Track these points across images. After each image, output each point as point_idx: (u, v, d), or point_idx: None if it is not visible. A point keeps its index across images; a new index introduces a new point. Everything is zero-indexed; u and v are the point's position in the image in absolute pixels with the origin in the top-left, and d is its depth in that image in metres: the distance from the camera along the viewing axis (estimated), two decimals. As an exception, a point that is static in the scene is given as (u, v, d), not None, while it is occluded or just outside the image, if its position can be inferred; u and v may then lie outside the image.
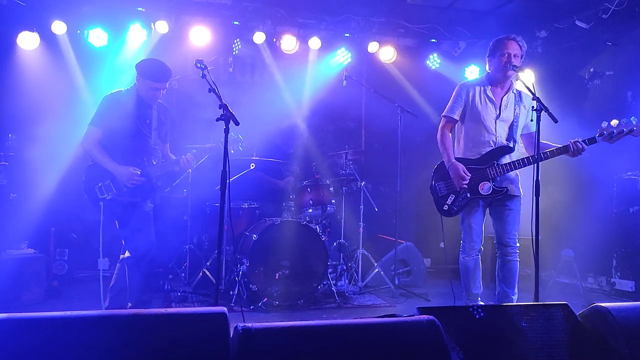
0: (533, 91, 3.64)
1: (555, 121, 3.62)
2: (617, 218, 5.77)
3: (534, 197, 3.50)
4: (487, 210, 4.22)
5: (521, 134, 4.22)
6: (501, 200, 4.11)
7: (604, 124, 3.86)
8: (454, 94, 4.24)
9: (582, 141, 3.85)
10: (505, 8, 6.26)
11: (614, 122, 3.83)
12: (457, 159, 4.13)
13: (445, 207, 4.17)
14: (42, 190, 5.59)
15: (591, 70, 6.30)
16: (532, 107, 3.63)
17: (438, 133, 4.24)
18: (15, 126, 5.85)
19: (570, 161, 5.63)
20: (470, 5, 6.24)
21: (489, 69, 4.19)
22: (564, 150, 3.88)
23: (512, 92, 4.15)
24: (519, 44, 4.05)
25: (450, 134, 4.23)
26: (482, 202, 4.12)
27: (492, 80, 4.16)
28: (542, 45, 6.81)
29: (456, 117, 4.19)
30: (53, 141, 5.80)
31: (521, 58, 4.09)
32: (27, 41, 5.70)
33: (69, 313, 1.87)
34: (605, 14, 5.53)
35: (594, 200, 5.93)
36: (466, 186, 4.03)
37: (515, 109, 4.11)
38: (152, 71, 4.06)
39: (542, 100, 3.59)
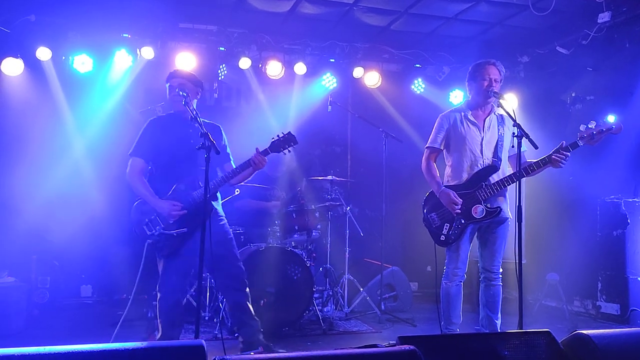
0: (514, 117, 3.67)
1: (536, 147, 3.63)
2: (601, 241, 5.79)
3: (516, 223, 3.51)
4: (475, 236, 4.14)
5: (508, 157, 4.18)
6: (490, 227, 4.05)
7: (582, 127, 3.81)
8: (435, 125, 4.20)
9: (565, 147, 3.78)
10: (487, 34, 6.38)
11: (592, 124, 3.80)
12: (446, 186, 4.06)
13: (442, 237, 4.04)
14: (24, 217, 5.52)
15: (573, 94, 6.40)
16: (513, 133, 3.64)
17: (423, 164, 4.18)
18: (-3, 152, 5.80)
19: (554, 185, 5.70)
20: (453, 31, 6.34)
21: (470, 94, 4.19)
22: (547, 160, 3.81)
23: (494, 113, 4.14)
24: (498, 69, 4.06)
25: (435, 164, 4.16)
26: (470, 228, 4.02)
27: (473, 105, 4.15)
28: (525, 70, 6.92)
29: (439, 146, 4.15)
30: (35, 167, 5.75)
31: (500, 82, 4.10)
32: (12, 67, 5.66)
33: (44, 349, 1.82)
34: (585, 40, 5.63)
35: (578, 224, 5.98)
36: (460, 211, 3.94)
37: (499, 130, 4.08)
38: (170, 72, 4.04)
39: (522, 127, 3.62)
